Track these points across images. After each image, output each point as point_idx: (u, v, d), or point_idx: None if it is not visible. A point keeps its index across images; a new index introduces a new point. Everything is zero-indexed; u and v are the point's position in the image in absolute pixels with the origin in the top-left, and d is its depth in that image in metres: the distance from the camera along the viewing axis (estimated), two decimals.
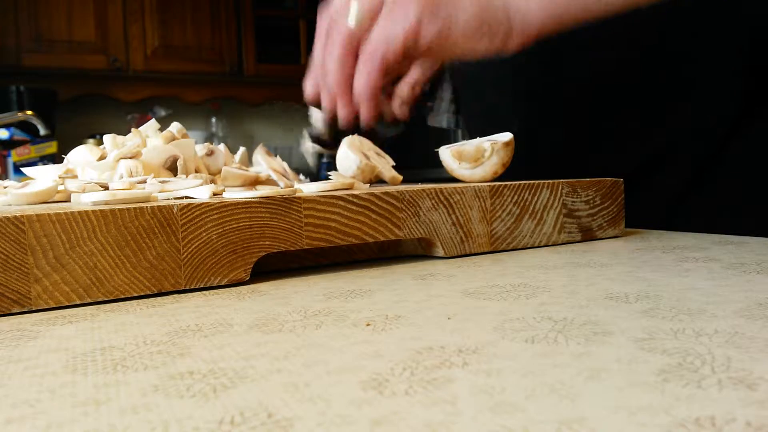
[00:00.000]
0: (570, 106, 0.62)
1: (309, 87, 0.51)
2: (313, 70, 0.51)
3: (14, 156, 1.98)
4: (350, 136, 0.53)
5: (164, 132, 0.45)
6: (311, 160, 0.57)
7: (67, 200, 0.39)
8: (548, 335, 0.21)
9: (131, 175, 0.41)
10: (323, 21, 0.49)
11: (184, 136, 0.46)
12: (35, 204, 0.37)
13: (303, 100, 0.56)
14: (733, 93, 0.57)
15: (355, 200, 0.35)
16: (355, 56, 0.47)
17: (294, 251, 0.37)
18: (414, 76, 0.72)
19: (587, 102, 0.61)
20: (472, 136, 0.78)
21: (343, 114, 0.49)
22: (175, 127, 0.46)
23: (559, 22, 0.46)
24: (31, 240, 0.27)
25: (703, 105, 0.58)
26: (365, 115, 0.49)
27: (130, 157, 0.42)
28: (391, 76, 0.50)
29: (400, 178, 0.51)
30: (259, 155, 0.51)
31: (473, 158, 0.44)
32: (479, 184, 0.40)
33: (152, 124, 0.47)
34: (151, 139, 0.45)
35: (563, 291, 0.28)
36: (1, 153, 2.01)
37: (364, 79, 0.47)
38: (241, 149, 0.53)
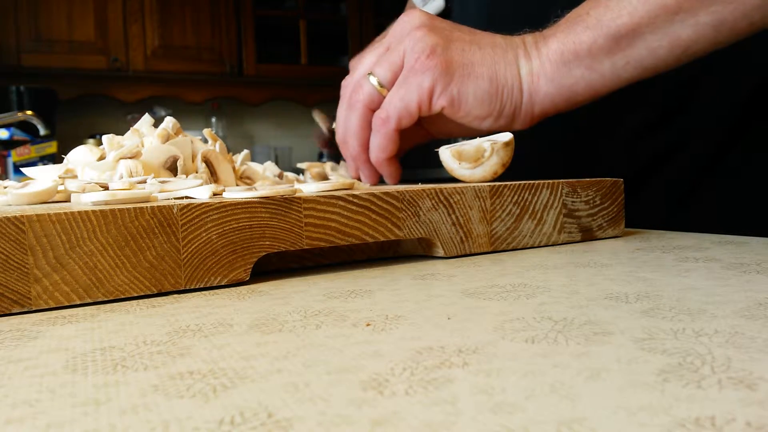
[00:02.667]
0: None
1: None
2: (338, 131, 0.53)
3: (14, 156, 1.98)
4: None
5: (159, 130, 0.45)
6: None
7: (67, 200, 0.39)
8: (548, 335, 0.21)
9: (131, 175, 0.41)
10: (347, 88, 0.51)
11: (179, 131, 0.46)
12: (35, 204, 0.37)
13: (303, 100, 0.59)
14: (734, 94, 0.57)
15: (355, 200, 0.35)
16: (371, 126, 0.50)
17: (294, 251, 0.37)
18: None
19: (589, 103, 0.61)
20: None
21: (366, 178, 0.53)
22: (169, 122, 0.46)
23: (568, 99, 0.48)
24: (31, 240, 0.27)
25: (704, 106, 0.58)
26: (388, 178, 0.52)
27: (130, 157, 0.42)
28: (405, 142, 0.52)
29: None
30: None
31: (473, 158, 0.44)
32: (479, 184, 0.40)
33: (146, 119, 0.47)
34: (147, 136, 0.45)
35: (563, 291, 0.28)
36: (1, 153, 2.01)
37: (379, 148, 0.49)
38: (245, 151, 0.53)
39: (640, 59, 0.45)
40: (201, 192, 0.36)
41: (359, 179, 0.54)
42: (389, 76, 0.48)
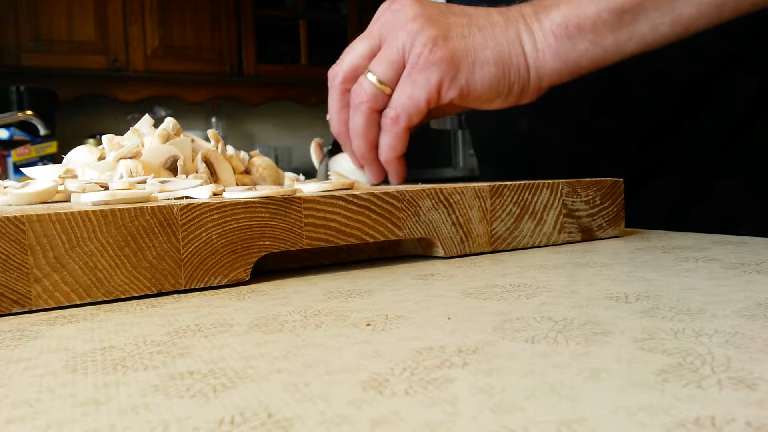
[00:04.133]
0: (572, 108, 0.62)
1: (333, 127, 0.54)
2: (332, 124, 0.53)
3: (14, 156, 1.98)
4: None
5: (159, 130, 0.45)
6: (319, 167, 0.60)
7: (67, 200, 0.39)
8: (548, 335, 0.21)
9: (131, 175, 0.41)
10: (336, 78, 0.51)
11: (179, 132, 0.46)
12: (35, 204, 0.37)
13: (303, 100, 0.58)
14: (733, 94, 0.57)
15: (355, 200, 0.35)
16: (378, 124, 0.49)
17: (294, 251, 0.37)
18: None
19: (589, 103, 0.61)
20: (474, 137, 0.78)
21: (372, 176, 0.53)
22: (169, 123, 0.46)
23: (573, 72, 0.48)
24: (31, 240, 0.27)
25: (704, 107, 0.58)
26: (394, 177, 0.52)
27: (130, 157, 0.42)
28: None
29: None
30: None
31: None
32: (479, 184, 0.40)
33: (146, 120, 0.47)
34: (147, 136, 0.45)
35: (563, 291, 0.28)
36: (1, 153, 2.01)
37: (389, 148, 0.49)
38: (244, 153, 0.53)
39: (642, 35, 0.45)
40: (201, 192, 0.36)
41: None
42: (390, 74, 0.47)
